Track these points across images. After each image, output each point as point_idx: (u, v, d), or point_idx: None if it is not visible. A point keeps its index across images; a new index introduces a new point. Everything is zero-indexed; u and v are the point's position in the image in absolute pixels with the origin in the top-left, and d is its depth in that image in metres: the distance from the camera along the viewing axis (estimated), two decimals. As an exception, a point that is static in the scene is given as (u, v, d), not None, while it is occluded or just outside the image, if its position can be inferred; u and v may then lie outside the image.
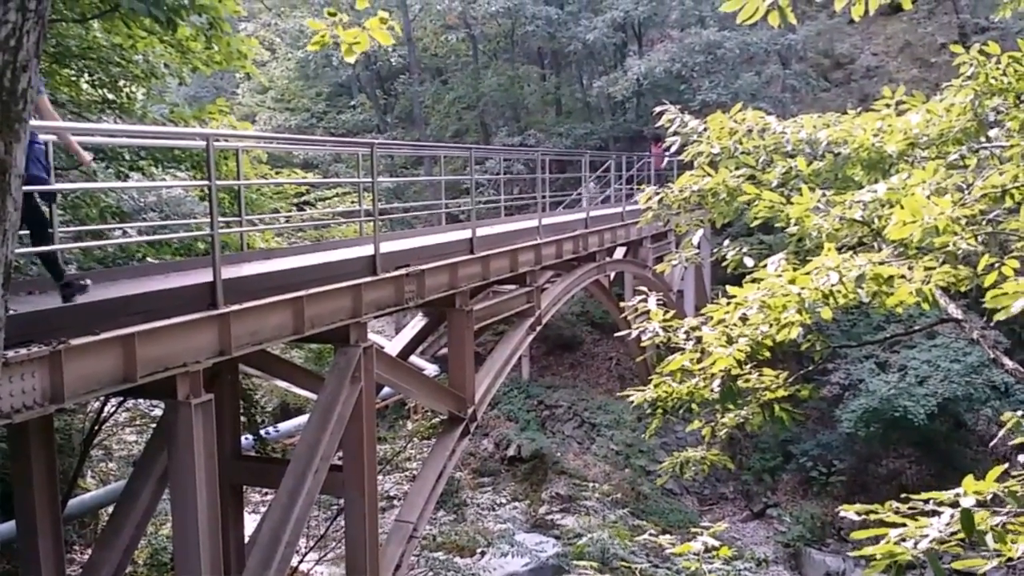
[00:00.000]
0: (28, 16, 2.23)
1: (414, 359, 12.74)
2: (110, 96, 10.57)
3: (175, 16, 8.67)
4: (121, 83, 10.59)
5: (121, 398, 10.39)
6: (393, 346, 12.09)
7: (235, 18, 14.70)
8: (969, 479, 3.58)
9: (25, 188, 4.78)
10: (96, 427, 11.40)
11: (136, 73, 10.50)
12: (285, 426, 12.95)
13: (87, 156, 6.01)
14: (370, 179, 8.77)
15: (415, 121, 33.77)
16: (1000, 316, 4.57)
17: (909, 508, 3.75)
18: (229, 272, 6.77)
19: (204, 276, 6.41)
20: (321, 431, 7.49)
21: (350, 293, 7.78)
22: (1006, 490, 3.71)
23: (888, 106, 7.29)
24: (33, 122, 5.72)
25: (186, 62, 10.48)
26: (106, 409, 11.32)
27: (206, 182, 6.26)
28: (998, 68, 6.33)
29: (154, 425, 12.06)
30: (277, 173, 15.44)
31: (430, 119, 34.14)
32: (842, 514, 4.08)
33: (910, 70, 28.78)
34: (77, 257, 10.08)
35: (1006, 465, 3.74)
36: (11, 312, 4.95)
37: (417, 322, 12.37)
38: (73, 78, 10.12)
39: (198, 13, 9.23)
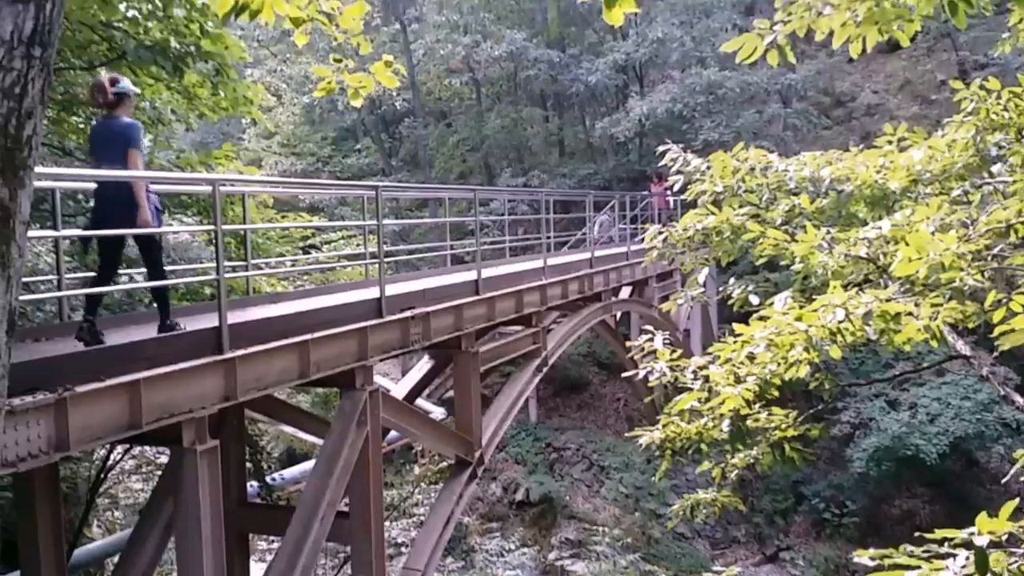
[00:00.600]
0: (33, 63, 2.25)
1: (420, 402, 12.67)
2: (117, 143, 10.66)
3: (182, 63, 8.80)
4: (128, 130, 10.69)
5: (127, 445, 10.34)
6: (399, 389, 12.04)
7: (241, 65, 14.89)
8: (983, 517, 3.51)
9: (145, 231, 5.96)
10: (102, 475, 11.33)
11: (143, 120, 10.61)
12: (291, 472, 12.86)
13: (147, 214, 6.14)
14: (375, 222, 8.80)
15: (420, 164, 34.04)
16: (1005, 346, 4.53)
17: (924, 551, 3.68)
18: (235, 317, 6.76)
19: (210, 321, 6.41)
20: (327, 477, 7.43)
21: (356, 336, 7.76)
22: (1021, 528, 3.65)
23: (890, 143, 7.32)
24: (114, 172, 5.90)
25: (193, 108, 10.60)
26: (112, 457, 11.26)
27: (212, 227, 6.28)
28: (999, 103, 6.36)
29: (160, 472, 11.99)
30: (283, 217, 15.55)
31: (435, 161, 34.41)
32: (856, 559, 4.01)
33: (911, 107, 28.97)
34: (83, 303, 10.10)
35: (1017, 500, 3.67)
36: (23, 360, 4.96)
37: (423, 364, 12.33)
38: (81, 125, 10.23)
39: (204, 60, 9.36)
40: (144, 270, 6.58)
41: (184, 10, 8.88)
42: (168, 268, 11.33)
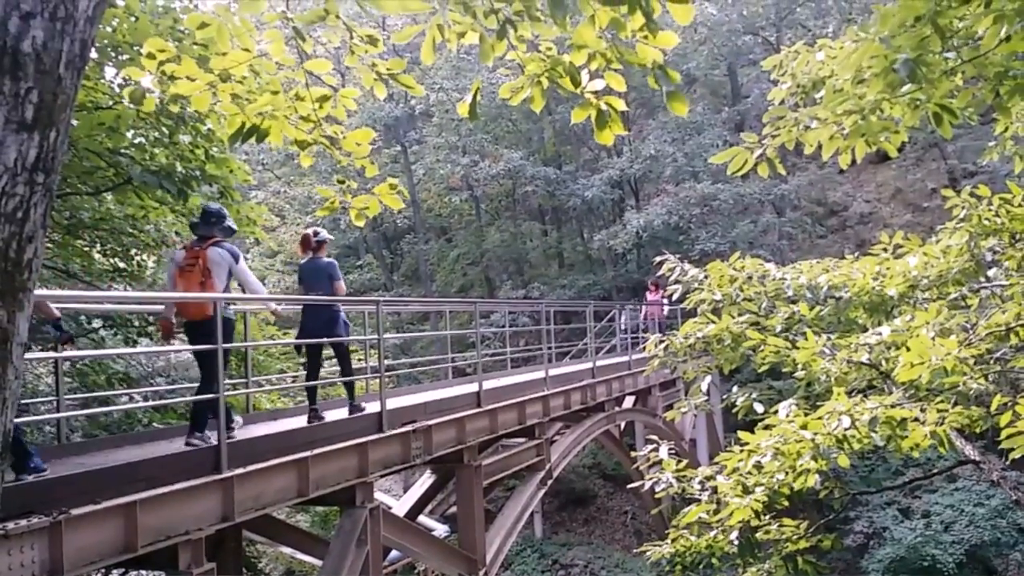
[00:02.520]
0: (36, 189, 2.31)
1: (423, 519, 12.39)
2: (121, 265, 10.83)
3: (186, 187, 9.02)
4: (132, 252, 10.87)
5: (122, 570, 10.05)
6: (401, 506, 11.79)
7: (245, 187, 15.25)
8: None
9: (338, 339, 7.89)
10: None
11: (147, 242, 10.80)
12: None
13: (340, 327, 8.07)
14: (376, 336, 8.81)
15: (421, 278, 34.39)
16: (1017, 454, 4.47)
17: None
18: (234, 434, 6.69)
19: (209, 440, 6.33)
20: (326, 600, 7.18)
21: (356, 452, 7.66)
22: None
23: (885, 250, 7.43)
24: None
25: (197, 229, 10.77)
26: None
27: (213, 345, 6.30)
28: (990, 210, 6.49)
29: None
30: (284, 334, 15.57)
31: (435, 276, 34.78)
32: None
33: (904, 215, 29.46)
34: (83, 424, 10.03)
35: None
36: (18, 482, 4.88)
37: (425, 480, 12.11)
38: (86, 248, 10.40)
39: (209, 183, 9.59)
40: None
41: (190, 136, 9.16)
42: (168, 388, 11.34)
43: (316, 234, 8.23)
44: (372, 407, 8.50)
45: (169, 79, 4.47)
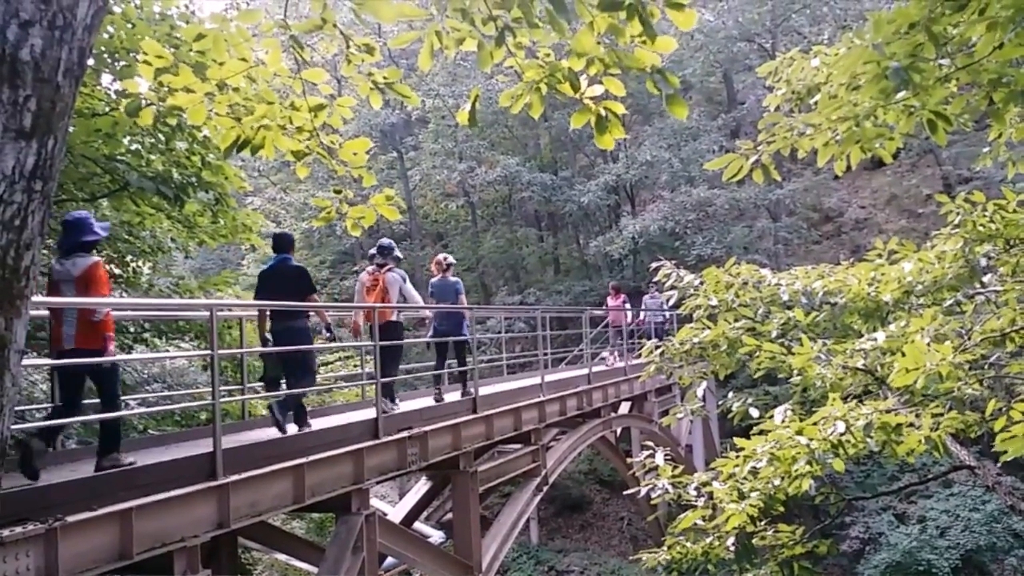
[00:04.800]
0: (34, 197, 2.31)
1: (418, 525, 12.36)
2: (117, 271, 10.81)
3: (183, 193, 9.02)
4: (128, 258, 10.85)
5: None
6: (396, 512, 11.76)
7: (241, 194, 15.24)
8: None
9: (461, 338, 10.14)
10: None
11: (143, 248, 10.79)
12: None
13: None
14: (372, 342, 8.82)
15: (417, 284, 34.02)
16: (1009, 456, 4.49)
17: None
18: (230, 441, 6.68)
19: (205, 447, 6.33)
20: (322, 607, 7.16)
21: (351, 459, 7.65)
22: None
23: (880, 256, 7.44)
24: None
25: (192, 236, 10.78)
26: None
27: (208, 351, 6.29)
28: (985, 215, 6.51)
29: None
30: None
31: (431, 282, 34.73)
32: None
33: (898, 221, 29.55)
34: (78, 431, 10.00)
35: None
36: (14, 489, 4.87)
37: (421, 486, 12.09)
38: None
39: (205, 190, 9.58)
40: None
41: (186, 143, 9.16)
42: (163, 394, 11.32)
43: (446, 259, 11.03)
44: (367, 414, 8.49)
45: (166, 89, 4.48)
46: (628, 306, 19.64)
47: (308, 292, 7.81)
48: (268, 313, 7.83)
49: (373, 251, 9.73)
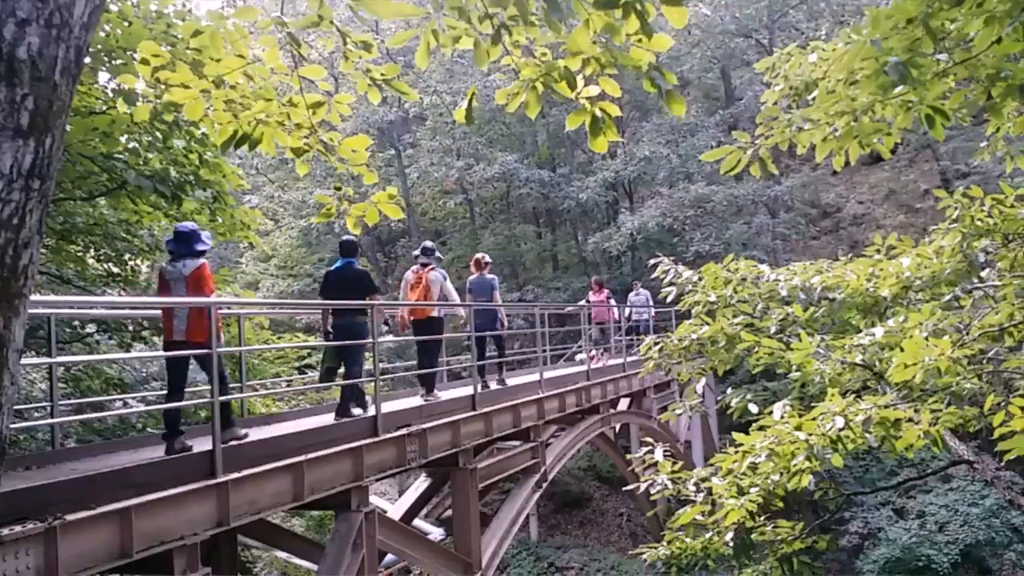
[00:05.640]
0: (32, 195, 2.31)
1: (418, 522, 12.38)
2: (115, 270, 10.80)
3: (181, 191, 9.00)
4: (126, 257, 10.84)
5: (117, 575, 10.02)
6: (396, 509, 11.79)
7: (239, 192, 15.24)
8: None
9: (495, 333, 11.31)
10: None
11: (141, 247, 10.78)
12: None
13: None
14: (371, 340, 8.82)
15: (415, 282, 34.38)
16: (1011, 455, 4.49)
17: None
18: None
19: (204, 445, 6.33)
20: (322, 604, 7.16)
21: (351, 456, 7.65)
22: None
23: (879, 251, 7.44)
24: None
25: (191, 234, 10.74)
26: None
27: (208, 350, 6.30)
28: (983, 210, 6.51)
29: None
30: (279, 338, 15.56)
31: (430, 279, 34.70)
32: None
33: (896, 216, 29.56)
34: (77, 430, 9.99)
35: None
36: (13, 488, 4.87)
37: (420, 483, 12.11)
38: (79, 253, 10.36)
39: (203, 188, 9.57)
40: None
41: (184, 141, 9.15)
42: (162, 392, 11.30)
43: (483, 257, 11.96)
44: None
45: (163, 86, 4.47)
46: (612, 302, 19.13)
47: (371, 292, 8.57)
48: (331, 311, 8.63)
49: (417, 252, 10.67)
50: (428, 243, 10.79)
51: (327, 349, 8.90)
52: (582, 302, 21.28)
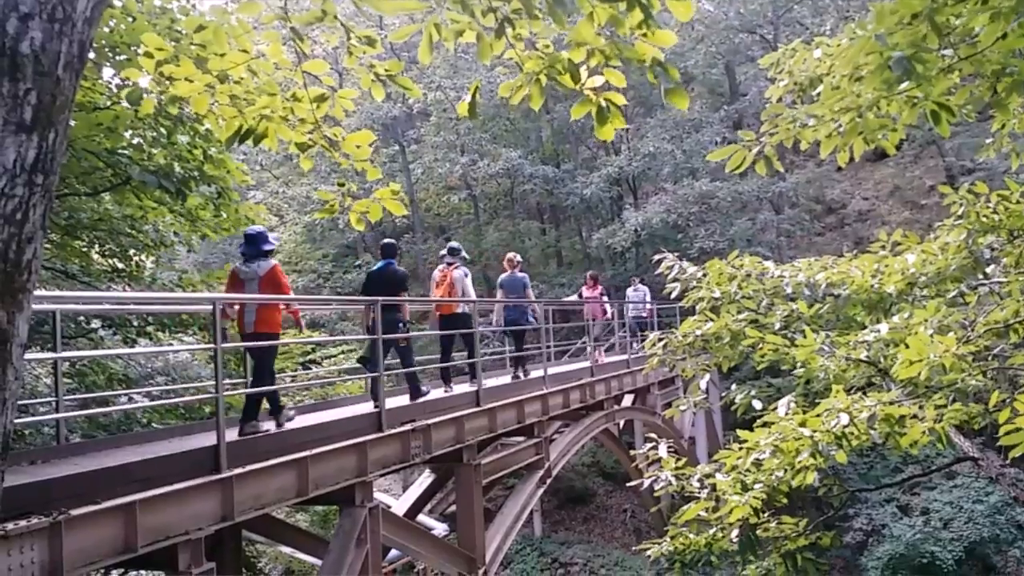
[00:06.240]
0: (35, 190, 2.30)
1: (422, 518, 12.39)
2: (120, 265, 10.81)
3: (185, 187, 9.01)
4: (131, 252, 10.85)
5: (121, 570, 10.05)
6: (400, 505, 11.80)
7: (243, 187, 15.25)
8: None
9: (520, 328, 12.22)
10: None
11: (146, 242, 10.79)
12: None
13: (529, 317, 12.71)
14: (375, 336, 8.82)
15: (420, 277, 34.37)
16: (1016, 452, 4.48)
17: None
18: (233, 435, 6.69)
19: (208, 440, 6.34)
20: (326, 599, 7.18)
21: (355, 451, 7.66)
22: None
23: (883, 247, 7.42)
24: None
25: (195, 230, 10.78)
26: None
27: (212, 345, 6.30)
28: (988, 206, 6.49)
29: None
30: (283, 333, 15.54)
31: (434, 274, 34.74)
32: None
33: (901, 212, 29.48)
34: (82, 425, 10.02)
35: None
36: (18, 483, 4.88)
37: (424, 479, 12.13)
38: (84, 249, 10.37)
39: (207, 184, 9.57)
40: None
41: (188, 137, 9.15)
42: (167, 388, 11.35)
43: (515, 256, 13.05)
44: (370, 407, 8.51)
45: (167, 80, 4.47)
46: (606, 298, 18.65)
47: (400, 291, 9.27)
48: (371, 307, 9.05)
49: (443, 252, 11.35)
50: (454, 243, 11.43)
51: (368, 342, 9.45)
52: (573, 296, 21.22)
